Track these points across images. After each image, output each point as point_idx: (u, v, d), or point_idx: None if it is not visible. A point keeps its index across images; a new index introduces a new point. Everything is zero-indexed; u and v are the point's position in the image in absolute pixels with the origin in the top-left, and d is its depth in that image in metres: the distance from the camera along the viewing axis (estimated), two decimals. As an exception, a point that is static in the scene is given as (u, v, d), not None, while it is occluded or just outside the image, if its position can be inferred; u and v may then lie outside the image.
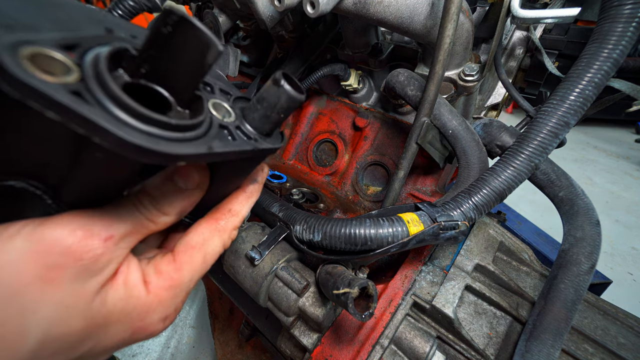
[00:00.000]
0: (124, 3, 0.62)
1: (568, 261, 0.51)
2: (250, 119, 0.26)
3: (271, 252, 0.53)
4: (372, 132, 0.87)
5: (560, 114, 0.48)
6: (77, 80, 0.16)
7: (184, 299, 0.31)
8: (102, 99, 0.16)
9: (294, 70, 0.89)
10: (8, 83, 0.14)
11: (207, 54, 0.18)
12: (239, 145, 0.23)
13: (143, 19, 3.08)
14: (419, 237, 0.44)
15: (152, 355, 1.60)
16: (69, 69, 0.16)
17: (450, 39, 0.50)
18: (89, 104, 0.15)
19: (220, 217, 0.32)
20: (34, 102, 0.14)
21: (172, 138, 0.18)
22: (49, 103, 0.14)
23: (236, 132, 0.24)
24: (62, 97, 0.14)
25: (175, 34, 0.17)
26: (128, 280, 0.26)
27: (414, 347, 0.50)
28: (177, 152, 0.17)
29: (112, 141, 0.15)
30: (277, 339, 0.61)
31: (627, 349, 0.48)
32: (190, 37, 0.17)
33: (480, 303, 0.55)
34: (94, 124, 0.15)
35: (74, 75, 0.16)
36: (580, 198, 0.54)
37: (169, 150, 0.17)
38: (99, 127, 0.15)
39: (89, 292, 0.23)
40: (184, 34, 0.17)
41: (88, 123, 0.15)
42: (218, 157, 0.21)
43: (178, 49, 0.18)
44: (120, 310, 0.25)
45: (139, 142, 0.16)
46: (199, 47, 0.18)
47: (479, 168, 0.57)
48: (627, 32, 0.45)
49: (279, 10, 0.58)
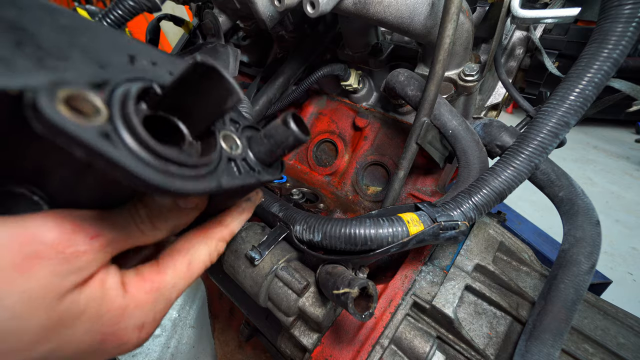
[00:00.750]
0: (124, 3, 0.62)
1: (568, 261, 0.51)
2: (256, 151, 0.28)
3: (271, 252, 0.53)
4: (372, 132, 0.87)
5: (560, 114, 0.48)
6: (106, 121, 0.17)
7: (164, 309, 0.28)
8: (129, 142, 0.17)
9: (294, 70, 0.89)
10: (41, 123, 0.14)
11: (229, 100, 0.19)
12: (244, 179, 0.25)
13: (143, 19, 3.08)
14: (419, 237, 0.44)
15: (152, 355, 1.60)
16: (98, 110, 0.17)
17: (450, 39, 0.50)
18: (115, 146, 0.16)
19: (209, 226, 0.32)
20: (62, 141, 0.15)
21: (186, 175, 0.19)
22: (77, 143, 0.15)
23: (242, 164, 0.26)
24: (91, 140, 0.15)
25: (202, 80, 0.18)
26: (105, 281, 0.24)
27: (414, 347, 0.50)
28: (190, 190, 0.19)
29: (131, 179, 0.16)
30: (277, 339, 0.61)
31: (627, 349, 0.48)
32: (217, 85, 0.19)
33: (480, 303, 0.55)
34: (118, 165, 0.16)
35: (103, 116, 0.17)
36: (580, 198, 0.54)
37: (183, 188, 0.18)
38: (123, 167, 0.16)
39: (61, 288, 0.21)
40: (210, 81, 0.19)
41: (113, 163, 0.16)
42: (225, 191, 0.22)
43: (203, 92, 0.19)
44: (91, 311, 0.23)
45: (157, 182, 0.17)
46: (223, 93, 0.19)
47: (479, 168, 0.57)
48: (627, 32, 0.45)
49: (279, 10, 0.58)
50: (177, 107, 0.20)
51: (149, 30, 0.91)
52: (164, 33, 3.35)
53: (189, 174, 0.19)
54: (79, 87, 0.16)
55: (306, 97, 1.00)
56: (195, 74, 0.18)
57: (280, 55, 1.01)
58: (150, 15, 0.74)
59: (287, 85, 0.90)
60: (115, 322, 0.24)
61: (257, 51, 1.11)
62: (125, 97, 0.18)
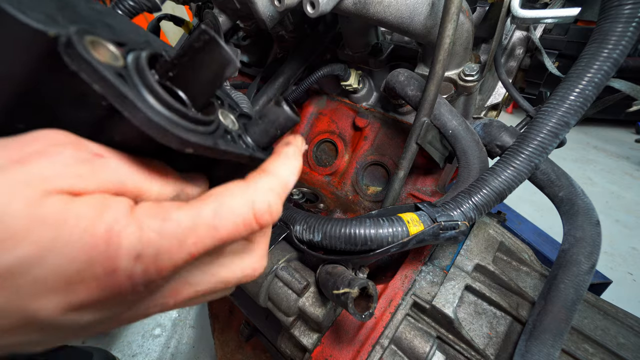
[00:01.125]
0: (124, 3, 0.62)
1: (568, 261, 0.51)
2: (251, 132, 0.29)
3: (271, 252, 0.53)
4: (372, 132, 0.87)
5: (560, 114, 0.48)
6: (121, 67, 0.20)
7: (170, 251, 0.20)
8: (138, 84, 0.20)
9: (294, 70, 0.89)
10: (70, 57, 0.18)
11: (226, 69, 0.22)
12: (239, 149, 0.26)
13: (143, 19, 3.08)
14: (419, 237, 0.44)
15: (152, 355, 1.60)
16: (117, 57, 0.21)
17: (450, 39, 0.50)
18: (127, 85, 0.19)
19: (250, 175, 0.25)
20: (85, 75, 0.18)
21: (187, 127, 0.21)
22: (97, 78, 0.18)
23: (238, 138, 0.28)
24: (109, 75, 0.18)
25: (204, 49, 0.21)
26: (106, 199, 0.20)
27: (414, 347, 0.50)
28: (189, 139, 0.21)
29: (139, 118, 0.19)
30: (277, 339, 0.62)
31: (627, 349, 0.48)
32: (216, 53, 0.21)
33: (480, 303, 0.55)
34: (128, 101, 0.18)
35: (120, 63, 0.20)
36: (580, 198, 0.54)
37: (183, 135, 0.20)
38: (132, 104, 0.19)
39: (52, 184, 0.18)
40: (211, 50, 0.21)
41: (124, 99, 0.19)
42: (219, 153, 0.24)
43: (204, 61, 0.22)
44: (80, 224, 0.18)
45: (161, 123, 0.19)
46: (221, 62, 0.22)
47: (479, 168, 0.57)
48: (627, 32, 0.45)
49: (279, 10, 0.58)
50: (181, 79, 0.23)
51: (149, 30, 0.92)
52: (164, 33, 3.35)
53: (189, 126, 0.21)
54: (102, 38, 0.20)
55: (306, 97, 1.00)
56: (199, 41, 0.21)
57: (280, 55, 1.01)
58: (150, 15, 0.74)
59: (287, 85, 0.90)
60: (107, 240, 0.19)
61: (257, 51, 1.11)
62: (139, 54, 0.22)
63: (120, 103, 0.19)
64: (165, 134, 0.20)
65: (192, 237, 0.21)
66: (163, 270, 0.20)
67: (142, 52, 0.22)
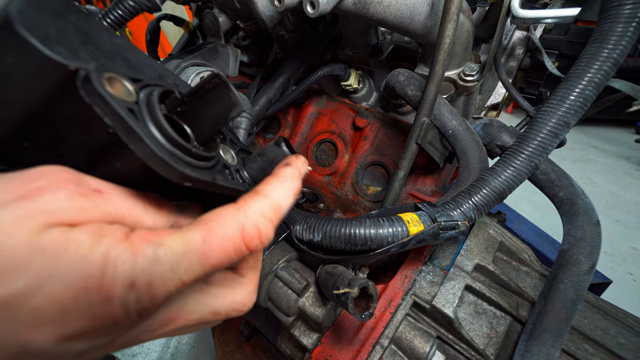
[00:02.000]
0: (124, 3, 0.62)
1: (568, 261, 0.51)
2: (249, 168, 0.31)
3: (271, 252, 0.53)
4: (372, 132, 0.87)
5: (560, 114, 0.48)
6: (133, 102, 0.22)
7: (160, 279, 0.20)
8: (147, 119, 0.21)
9: (294, 70, 0.89)
10: (86, 91, 0.19)
11: (232, 110, 0.24)
12: (235, 184, 0.27)
13: (143, 19, 3.08)
14: (419, 237, 0.44)
15: (152, 355, 1.60)
16: (130, 93, 0.22)
17: (450, 39, 0.50)
18: (137, 120, 0.21)
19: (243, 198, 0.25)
20: (98, 109, 0.19)
21: (188, 162, 0.23)
22: (109, 112, 0.19)
23: (235, 174, 0.29)
24: (120, 110, 0.19)
25: (213, 90, 0.23)
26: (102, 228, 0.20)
27: (414, 347, 0.50)
28: (189, 174, 0.22)
29: (143, 151, 0.20)
30: (277, 339, 0.62)
31: (627, 349, 0.48)
32: (225, 96, 0.23)
33: (480, 303, 0.55)
34: (135, 135, 0.20)
35: (132, 98, 0.22)
36: (580, 198, 0.54)
37: (183, 170, 0.21)
38: (138, 137, 0.20)
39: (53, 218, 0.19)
40: (220, 92, 0.23)
41: (131, 133, 0.20)
42: (216, 187, 0.25)
43: (212, 101, 0.24)
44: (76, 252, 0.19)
45: (164, 157, 0.20)
46: (229, 104, 0.24)
47: (479, 168, 0.57)
48: (627, 32, 0.45)
49: (279, 10, 0.58)
50: (189, 114, 0.24)
51: (149, 30, 0.92)
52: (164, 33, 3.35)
53: (190, 161, 0.23)
54: (119, 74, 0.22)
55: (306, 97, 1.00)
56: (210, 83, 0.23)
57: (280, 55, 1.01)
58: (150, 15, 0.74)
59: (287, 85, 0.90)
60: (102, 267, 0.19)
61: (257, 51, 1.11)
62: (152, 91, 0.23)
63: (127, 136, 0.20)
64: (166, 168, 0.21)
65: (184, 263, 0.21)
66: (156, 298, 0.20)
67: (154, 90, 0.24)
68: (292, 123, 1.03)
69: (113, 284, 0.19)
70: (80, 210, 0.20)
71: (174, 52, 1.05)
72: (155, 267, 0.20)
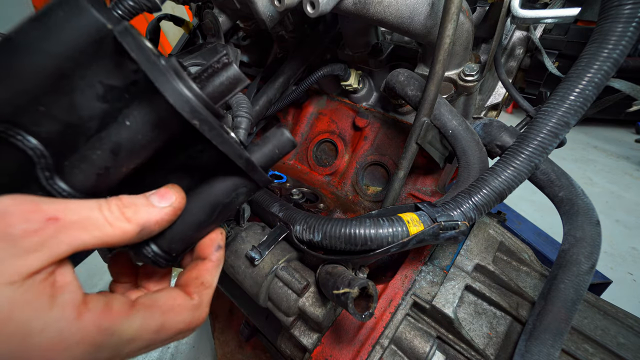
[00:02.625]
0: (124, 3, 0.62)
1: (568, 261, 0.50)
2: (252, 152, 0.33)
3: (271, 252, 0.53)
4: (372, 132, 0.87)
5: (560, 114, 0.48)
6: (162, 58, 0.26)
7: None
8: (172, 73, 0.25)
9: (294, 70, 0.89)
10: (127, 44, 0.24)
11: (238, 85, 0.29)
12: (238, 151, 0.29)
13: (143, 19, 3.08)
14: (419, 237, 0.44)
15: (152, 355, 1.60)
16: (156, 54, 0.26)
17: (450, 39, 0.50)
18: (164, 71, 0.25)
19: (193, 290, 0.30)
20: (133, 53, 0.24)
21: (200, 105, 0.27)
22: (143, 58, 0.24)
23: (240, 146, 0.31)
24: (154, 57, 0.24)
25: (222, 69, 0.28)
26: (56, 283, 0.20)
27: (414, 347, 0.50)
28: (201, 116, 0.25)
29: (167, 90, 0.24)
30: (277, 339, 0.62)
31: (627, 349, 0.48)
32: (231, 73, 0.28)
33: (480, 303, 0.55)
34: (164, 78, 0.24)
35: None
36: (580, 198, 0.54)
37: (199, 111, 0.25)
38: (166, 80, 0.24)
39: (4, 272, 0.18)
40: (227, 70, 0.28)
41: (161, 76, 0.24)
42: (220, 143, 0.28)
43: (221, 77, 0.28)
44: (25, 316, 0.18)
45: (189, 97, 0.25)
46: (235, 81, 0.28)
47: (479, 168, 0.57)
48: (627, 32, 0.45)
49: (279, 10, 0.58)
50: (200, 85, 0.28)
51: (149, 30, 0.91)
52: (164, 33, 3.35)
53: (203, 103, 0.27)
54: None
55: (306, 97, 1.00)
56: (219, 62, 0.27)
57: (280, 55, 1.01)
58: (150, 15, 0.74)
59: (287, 85, 0.90)
60: (52, 343, 0.19)
61: (257, 51, 1.11)
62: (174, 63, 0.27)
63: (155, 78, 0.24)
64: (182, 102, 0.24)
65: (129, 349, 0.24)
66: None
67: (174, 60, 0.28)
68: (292, 123, 1.03)
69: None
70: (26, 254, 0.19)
71: (174, 52, 1.05)
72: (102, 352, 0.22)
